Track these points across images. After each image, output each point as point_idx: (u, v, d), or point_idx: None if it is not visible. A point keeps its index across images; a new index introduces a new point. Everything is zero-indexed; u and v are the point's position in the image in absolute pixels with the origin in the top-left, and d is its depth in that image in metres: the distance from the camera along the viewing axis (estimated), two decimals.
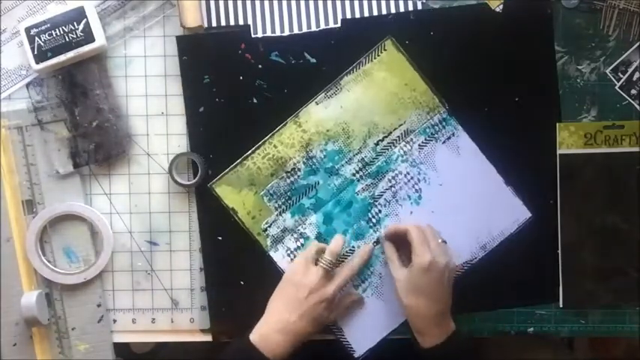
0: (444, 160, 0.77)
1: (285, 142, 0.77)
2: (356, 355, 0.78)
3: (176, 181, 0.77)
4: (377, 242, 0.77)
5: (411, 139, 0.77)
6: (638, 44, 0.76)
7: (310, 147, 0.77)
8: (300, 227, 0.78)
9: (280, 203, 0.77)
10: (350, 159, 0.77)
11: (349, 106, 0.77)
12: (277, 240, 0.78)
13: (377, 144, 0.77)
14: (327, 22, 0.77)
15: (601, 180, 0.77)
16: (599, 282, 0.78)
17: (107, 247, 0.79)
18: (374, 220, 0.78)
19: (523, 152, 0.77)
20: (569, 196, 0.77)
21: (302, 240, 0.78)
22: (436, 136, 0.77)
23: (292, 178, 0.77)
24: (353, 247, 0.78)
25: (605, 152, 0.77)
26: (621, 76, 0.77)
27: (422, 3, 0.77)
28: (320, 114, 0.77)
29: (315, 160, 0.77)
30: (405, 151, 0.77)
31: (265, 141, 0.77)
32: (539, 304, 0.79)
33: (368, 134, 0.77)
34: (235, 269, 0.79)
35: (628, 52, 0.77)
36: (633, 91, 0.77)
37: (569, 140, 0.77)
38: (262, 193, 0.77)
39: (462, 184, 0.77)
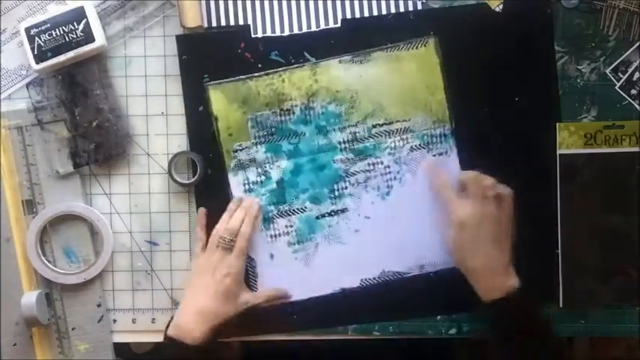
0: (426, 171, 0.77)
1: (294, 81, 0.76)
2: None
3: (175, 180, 0.77)
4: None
5: (407, 138, 0.77)
6: (638, 44, 0.76)
7: (314, 98, 0.77)
8: (267, 165, 0.77)
9: (261, 135, 0.77)
10: (343, 127, 0.77)
11: (367, 79, 0.77)
12: (242, 166, 0.77)
13: (374, 126, 0.77)
14: (327, 22, 0.77)
15: (601, 180, 0.77)
16: (599, 282, 0.78)
17: (107, 247, 0.79)
18: (336, 193, 0.77)
19: (523, 152, 0.77)
20: (569, 196, 0.77)
21: (263, 177, 0.77)
22: (430, 146, 0.77)
23: (283, 118, 0.77)
24: (306, 207, 0.77)
25: (605, 152, 0.77)
26: (621, 76, 0.77)
27: (422, 3, 0.77)
28: (337, 73, 0.76)
29: (312, 112, 0.77)
30: (395, 146, 0.77)
31: (277, 72, 0.76)
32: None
33: (371, 113, 0.77)
34: None
35: (628, 52, 0.77)
36: (633, 91, 0.77)
37: (569, 140, 0.77)
38: (250, 116, 0.77)
39: (429, 201, 0.77)
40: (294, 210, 0.77)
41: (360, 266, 0.78)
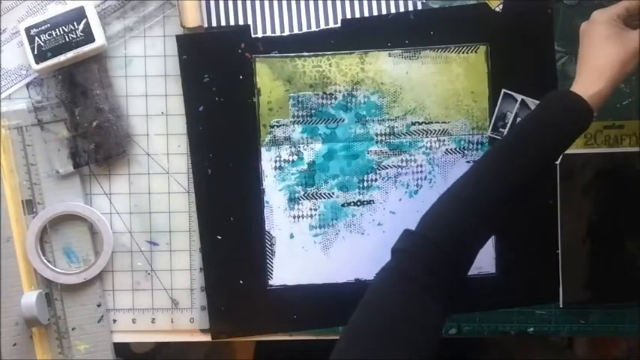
0: (458, 176, 0.77)
1: (341, 67, 0.77)
2: (270, 282, 0.78)
3: None
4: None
5: (443, 140, 0.77)
6: None
7: (358, 86, 0.77)
8: (302, 146, 0.78)
9: (300, 114, 0.77)
10: (382, 120, 0.77)
11: (413, 76, 0.77)
12: (276, 142, 0.78)
13: (413, 124, 0.77)
14: (327, 22, 0.77)
15: (601, 180, 0.77)
16: (599, 282, 0.78)
17: (107, 247, 0.79)
18: (364, 184, 0.78)
19: None
20: (569, 196, 0.77)
21: (295, 157, 0.78)
22: (466, 152, 0.77)
23: (325, 101, 0.77)
24: (333, 193, 0.78)
25: (605, 152, 0.77)
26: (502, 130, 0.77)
27: (422, 3, 0.77)
28: (385, 66, 0.77)
29: (354, 100, 0.77)
30: (431, 146, 0.77)
31: (325, 55, 0.77)
32: (539, 304, 0.79)
33: (412, 111, 0.77)
34: (235, 269, 0.79)
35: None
36: None
37: None
38: (292, 95, 0.77)
39: None
40: (320, 194, 0.78)
41: (377, 260, 0.77)
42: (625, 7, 0.64)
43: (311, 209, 0.78)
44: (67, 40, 0.74)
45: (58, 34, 0.74)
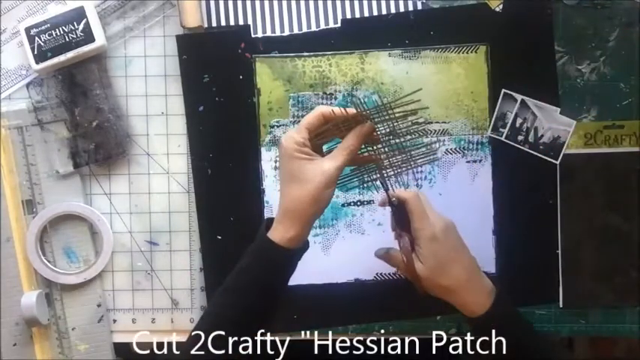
0: (458, 176, 0.77)
1: (341, 67, 0.77)
2: None
3: None
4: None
5: (444, 140, 0.77)
6: None
7: (358, 86, 0.77)
8: None
9: (300, 114, 0.77)
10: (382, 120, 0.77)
11: (413, 76, 0.77)
12: (276, 142, 0.77)
13: (413, 124, 0.77)
14: (327, 22, 0.77)
15: (601, 180, 0.77)
16: (599, 282, 0.78)
17: (107, 247, 0.79)
18: (364, 184, 0.77)
19: (523, 152, 0.77)
20: (569, 196, 0.77)
21: None
22: (465, 152, 0.77)
23: (325, 101, 0.77)
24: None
25: (605, 152, 0.77)
26: (502, 130, 0.77)
27: (422, 3, 0.77)
28: (385, 65, 0.77)
29: (354, 100, 0.77)
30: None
31: (325, 55, 0.77)
32: (539, 304, 0.79)
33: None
34: None
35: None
36: (520, 137, 0.77)
37: (569, 140, 0.77)
38: (292, 95, 0.77)
39: (456, 207, 0.76)
40: None
41: (377, 260, 0.78)
42: (305, 127, 0.60)
43: None
44: (67, 40, 0.74)
45: (58, 34, 0.74)
